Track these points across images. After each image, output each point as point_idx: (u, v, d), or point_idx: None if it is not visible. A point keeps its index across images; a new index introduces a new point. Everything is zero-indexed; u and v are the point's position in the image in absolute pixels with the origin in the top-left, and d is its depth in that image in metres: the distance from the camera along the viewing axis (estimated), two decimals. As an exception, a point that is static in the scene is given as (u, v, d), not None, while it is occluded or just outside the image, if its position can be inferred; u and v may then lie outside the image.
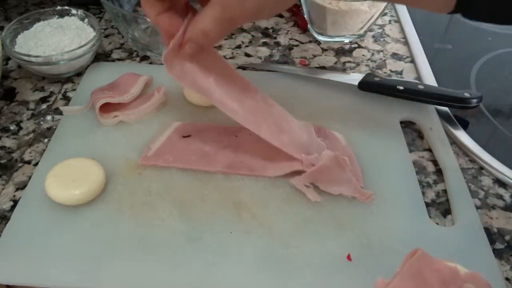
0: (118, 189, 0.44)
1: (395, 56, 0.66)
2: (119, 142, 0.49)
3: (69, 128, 0.50)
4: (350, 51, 0.66)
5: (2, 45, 0.54)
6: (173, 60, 0.41)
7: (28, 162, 0.48)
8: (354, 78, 0.56)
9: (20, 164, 0.48)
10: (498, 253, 0.41)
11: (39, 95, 0.57)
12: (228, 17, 0.36)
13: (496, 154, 0.49)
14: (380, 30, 0.71)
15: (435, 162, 0.50)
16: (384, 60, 0.65)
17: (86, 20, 0.60)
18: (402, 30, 0.71)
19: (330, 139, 0.49)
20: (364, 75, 0.56)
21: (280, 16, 0.73)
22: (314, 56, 0.65)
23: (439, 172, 0.49)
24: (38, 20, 0.60)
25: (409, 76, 0.62)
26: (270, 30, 0.70)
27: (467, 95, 0.52)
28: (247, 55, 0.65)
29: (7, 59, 0.61)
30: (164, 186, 0.44)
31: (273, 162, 0.46)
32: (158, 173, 0.46)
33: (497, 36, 0.71)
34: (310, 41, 0.68)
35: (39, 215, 0.42)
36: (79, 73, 0.59)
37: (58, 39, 0.57)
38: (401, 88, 0.53)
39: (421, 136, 0.53)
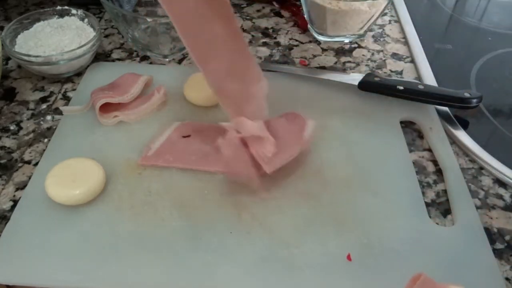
0: (118, 189, 0.44)
1: (395, 56, 0.66)
2: (119, 142, 0.49)
3: (69, 128, 0.50)
4: (350, 51, 0.66)
5: (2, 45, 0.54)
6: None
7: (28, 162, 0.48)
8: (354, 78, 0.56)
9: (20, 164, 0.48)
10: (498, 253, 0.41)
11: (39, 95, 0.57)
12: None
13: (496, 154, 0.49)
14: (380, 30, 0.71)
15: (435, 162, 0.50)
16: (384, 60, 0.65)
17: (86, 20, 0.60)
18: (402, 30, 0.71)
19: (293, 125, 0.47)
20: (364, 75, 0.56)
21: (280, 16, 0.73)
22: (314, 56, 0.65)
23: (439, 172, 0.49)
24: (38, 20, 0.60)
25: (409, 76, 0.62)
26: (270, 30, 0.70)
27: (467, 95, 0.52)
28: (247, 55, 0.64)
29: (7, 59, 0.61)
30: (164, 186, 0.44)
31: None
32: (158, 173, 0.46)
33: (497, 36, 0.71)
34: (310, 41, 0.68)
35: (39, 215, 0.42)
36: (79, 73, 0.59)
37: (58, 39, 0.57)
38: (401, 88, 0.53)
39: (421, 136, 0.53)
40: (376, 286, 0.38)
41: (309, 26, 0.68)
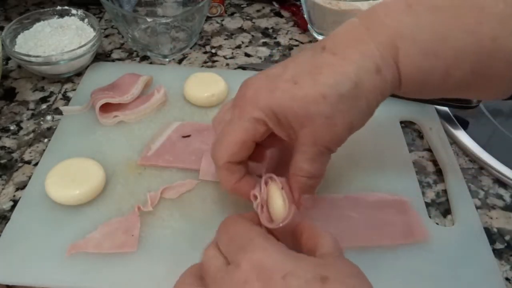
0: (118, 189, 0.44)
1: (395, 56, 0.65)
2: (119, 142, 0.49)
3: (69, 128, 0.50)
4: (350, 51, 0.66)
5: (2, 45, 0.54)
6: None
7: (28, 162, 0.48)
8: (354, 78, 0.56)
9: (20, 164, 0.48)
10: (498, 253, 0.41)
11: (39, 95, 0.57)
12: (323, 150, 0.35)
13: (496, 154, 0.49)
14: (380, 30, 0.71)
15: (435, 162, 0.50)
16: (384, 60, 0.64)
17: (86, 20, 0.60)
18: (402, 30, 0.71)
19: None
20: (364, 75, 0.56)
21: (280, 16, 0.73)
22: (314, 56, 0.65)
23: (439, 172, 0.49)
24: (38, 20, 0.60)
25: (409, 76, 0.62)
26: (270, 30, 0.70)
27: (467, 95, 0.52)
28: (247, 55, 0.65)
29: (7, 59, 0.61)
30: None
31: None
32: (158, 173, 0.46)
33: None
34: (310, 41, 0.68)
35: (39, 215, 0.42)
36: (79, 73, 0.59)
37: (58, 39, 0.57)
38: (401, 88, 0.53)
39: (421, 136, 0.53)
40: (376, 285, 0.38)
41: (309, 26, 0.68)
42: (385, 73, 0.33)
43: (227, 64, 0.63)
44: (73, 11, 0.61)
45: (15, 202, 0.44)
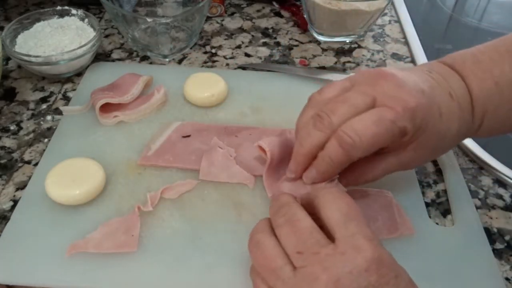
0: (118, 189, 0.44)
1: (395, 56, 0.66)
2: (119, 142, 0.49)
3: (69, 128, 0.50)
4: (350, 51, 0.66)
5: (2, 45, 0.54)
6: None
7: (28, 162, 0.48)
8: (354, 78, 0.56)
9: (20, 164, 0.48)
10: (498, 253, 0.41)
11: (39, 95, 0.57)
12: (396, 171, 0.40)
13: (496, 154, 0.49)
14: (380, 30, 0.71)
15: (435, 162, 0.50)
16: (384, 60, 0.65)
17: (86, 20, 0.60)
18: (402, 30, 0.71)
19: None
20: (364, 75, 0.56)
21: (280, 16, 0.73)
22: (314, 56, 0.65)
23: (439, 172, 0.49)
24: (38, 20, 0.60)
25: (409, 76, 0.62)
26: (270, 30, 0.70)
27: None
28: (247, 55, 0.65)
29: (7, 59, 0.61)
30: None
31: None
32: (158, 173, 0.46)
33: (497, 36, 0.71)
34: (310, 41, 0.68)
35: (39, 215, 0.42)
36: (79, 73, 0.59)
37: (58, 39, 0.57)
38: (401, 88, 0.53)
39: (421, 136, 0.53)
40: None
41: (309, 26, 0.68)
42: (469, 136, 0.41)
43: (227, 64, 0.63)
44: (73, 11, 0.61)
45: (15, 202, 0.44)
